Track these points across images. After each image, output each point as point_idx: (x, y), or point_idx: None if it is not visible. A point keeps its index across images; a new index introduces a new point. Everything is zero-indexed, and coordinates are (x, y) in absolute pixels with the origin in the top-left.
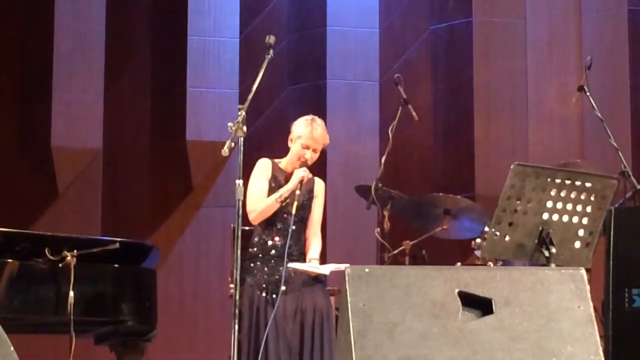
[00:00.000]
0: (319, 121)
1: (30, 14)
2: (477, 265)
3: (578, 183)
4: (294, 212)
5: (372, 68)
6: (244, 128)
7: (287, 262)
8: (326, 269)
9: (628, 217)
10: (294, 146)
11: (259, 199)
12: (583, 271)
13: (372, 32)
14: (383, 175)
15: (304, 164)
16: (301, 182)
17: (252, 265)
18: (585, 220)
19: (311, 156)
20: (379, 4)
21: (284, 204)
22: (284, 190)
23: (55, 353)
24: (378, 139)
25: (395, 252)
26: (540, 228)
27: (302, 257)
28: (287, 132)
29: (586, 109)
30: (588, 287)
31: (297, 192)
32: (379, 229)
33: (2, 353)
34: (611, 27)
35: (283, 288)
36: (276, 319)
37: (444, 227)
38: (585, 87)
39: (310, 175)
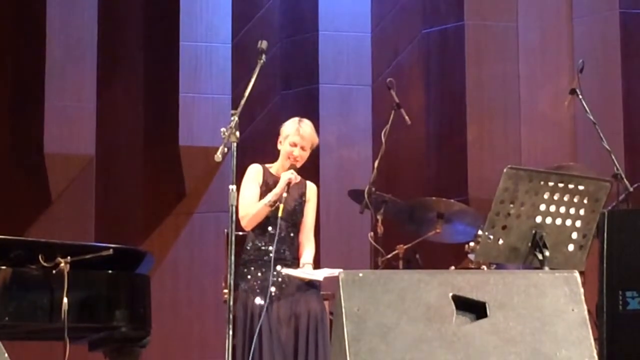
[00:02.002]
0: (306, 121)
1: (22, 21)
2: (471, 269)
3: (571, 186)
4: (280, 214)
5: (364, 72)
6: (237, 133)
7: (282, 267)
8: (320, 275)
9: (621, 219)
10: (283, 147)
11: (250, 204)
12: (577, 274)
13: (364, 36)
14: (376, 179)
15: (293, 164)
16: (288, 184)
17: (245, 270)
18: (578, 223)
19: (300, 154)
20: (370, 8)
21: (273, 207)
22: (272, 194)
23: (50, 359)
24: (371, 143)
25: (389, 256)
26: (533, 231)
27: (295, 262)
28: (279, 136)
29: (579, 111)
30: (582, 290)
31: (284, 194)
32: (372, 233)
33: None
34: (603, 30)
35: (273, 289)
36: (270, 324)
37: (438, 231)
38: (578, 90)
39: (299, 178)
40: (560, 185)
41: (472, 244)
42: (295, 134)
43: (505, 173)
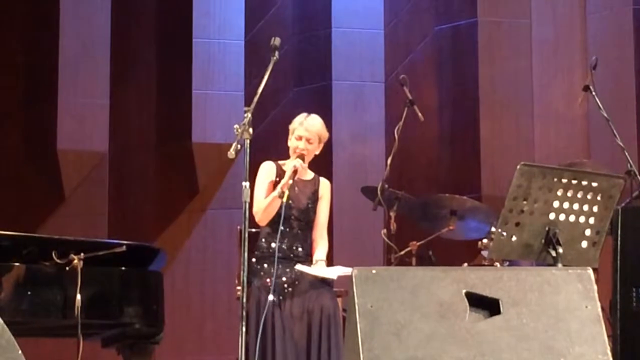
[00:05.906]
0: (314, 115)
1: (35, 18)
2: (484, 265)
3: (584, 183)
4: (284, 200)
5: (377, 69)
6: (250, 130)
7: (295, 263)
8: (334, 274)
9: (635, 216)
10: (291, 142)
11: (262, 200)
12: (590, 271)
13: (377, 33)
14: (389, 176)
15: (300, 156)
16: (295, 172)
17: (258, 267)
18: (592, 220)
19: (305, 147)
20: (383, 5)
21: (283, 197)
22: (280, 185)
23: (63, 356)
24: (384, 140)
25: (402, 253)
26: (547, 228)
27: (308, 259)
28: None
29: (592, 108)
30: (595, 286)
31: (290, 181)
32: (385, 230)
33: (10, 357)
34: (616, 27)
35: (285, 285)
36: (283, 321)
37: (451, 227)
38: (591, 87)
39: (305, 167)
40: (574, 182)
41: (485, 240)
42: (300, 127)
43: (518, 170)
